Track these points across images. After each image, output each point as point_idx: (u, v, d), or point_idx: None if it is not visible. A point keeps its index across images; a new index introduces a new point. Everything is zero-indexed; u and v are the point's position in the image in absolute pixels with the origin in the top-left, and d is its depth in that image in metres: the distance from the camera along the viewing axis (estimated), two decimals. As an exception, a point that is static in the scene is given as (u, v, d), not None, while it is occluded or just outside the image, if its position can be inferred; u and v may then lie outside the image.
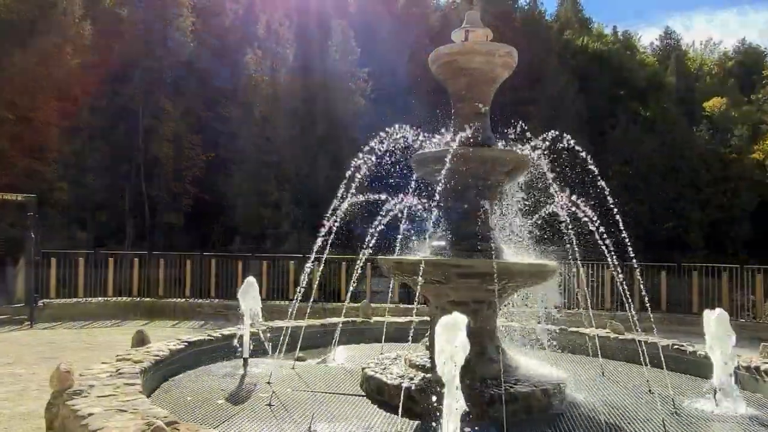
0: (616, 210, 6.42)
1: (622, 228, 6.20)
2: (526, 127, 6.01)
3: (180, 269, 13.23)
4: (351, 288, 8.98)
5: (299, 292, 7.48)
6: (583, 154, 5.91)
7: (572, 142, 6.00)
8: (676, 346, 7.42)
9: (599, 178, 6.52)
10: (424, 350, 6.07)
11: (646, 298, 8.40)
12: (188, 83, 25.39)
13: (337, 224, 6.77)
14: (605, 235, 6.13)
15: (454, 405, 3.72)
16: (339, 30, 27.82)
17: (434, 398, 5.16)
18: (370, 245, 7.61)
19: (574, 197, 6.44)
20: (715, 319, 5.66)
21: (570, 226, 6.52)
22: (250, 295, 6.65)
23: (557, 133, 6.25)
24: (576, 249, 6.54)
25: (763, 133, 45.27)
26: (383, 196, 6.75)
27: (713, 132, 39.75)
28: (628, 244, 6.27)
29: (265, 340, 7.30)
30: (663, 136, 34.68)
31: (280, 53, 24.95)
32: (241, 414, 4.99)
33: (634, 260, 6.55)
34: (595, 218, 6.29)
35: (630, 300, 7.00)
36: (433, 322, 6.09)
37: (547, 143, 6.23)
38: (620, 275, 6.48)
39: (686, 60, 58.86)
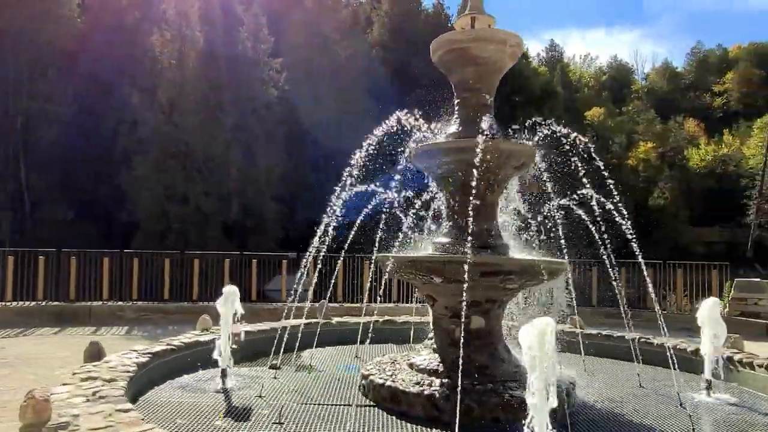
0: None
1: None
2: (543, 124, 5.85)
3: (96, 268, 11.62)
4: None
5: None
6: (592, 151, 5.90)
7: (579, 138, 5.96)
8: (643, 339, 7.71)
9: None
10: (429, 353, 5.70)
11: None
12: (80, 63, 22.78)
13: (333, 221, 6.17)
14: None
15: (545, 416, 3.41)
16: (251, 18, 26.53)
17: (460, 406, 4.89)
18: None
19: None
20: (708, 310, 5.89)
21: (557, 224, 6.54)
22: (231, 301, 5.88)
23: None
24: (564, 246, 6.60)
25: (636, 142, 50.35)
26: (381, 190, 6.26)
27: (596, 139, 43.28)
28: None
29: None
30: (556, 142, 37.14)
31: (189, 36, 23.17)
32: (255, 436, 4.32)
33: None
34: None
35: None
36: (439, 325, 5.78)
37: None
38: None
39: (569, 72, 63.82)
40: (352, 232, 6.96)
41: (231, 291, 5.95)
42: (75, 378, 4.85)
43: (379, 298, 11.50)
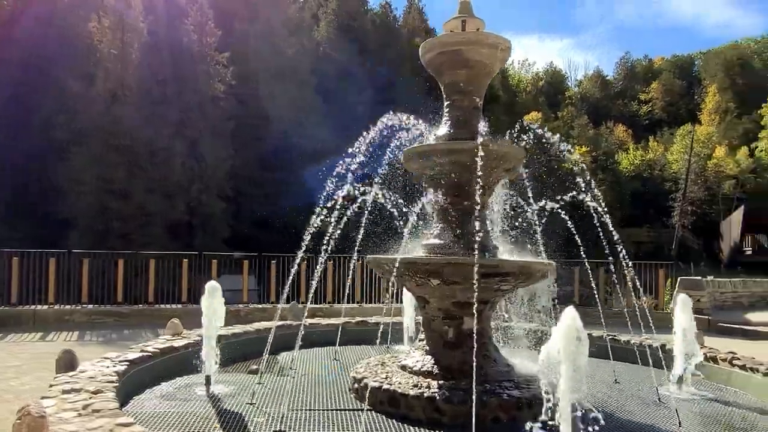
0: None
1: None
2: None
3: (40, 270, 10.77)
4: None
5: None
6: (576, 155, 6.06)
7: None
8: (610, 337, 8.03)
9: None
10: (422, 354, 5.68)
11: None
12: (8, 50, 21.22)
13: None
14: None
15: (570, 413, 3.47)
16: (197, 10, 25.62)
17: (463, 407, 4.90)
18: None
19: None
20: (680, 307, 6.20)
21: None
22: (215, 301, 5.62)
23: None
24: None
25: (571, 146, 52.55)
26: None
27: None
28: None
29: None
30: (499, 145, 38.18)
31: (132, 26, 22.09)
32: (260, 446, 4.16)
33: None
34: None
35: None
36: (430, 326, 5.77)
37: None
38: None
39: (508, 77, 65.72)
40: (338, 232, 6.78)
41: (214, 287, 5.66)
42: (55, 390, 4.50)
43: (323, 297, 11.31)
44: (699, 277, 13.51)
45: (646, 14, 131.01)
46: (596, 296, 11.18)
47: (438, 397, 4.90)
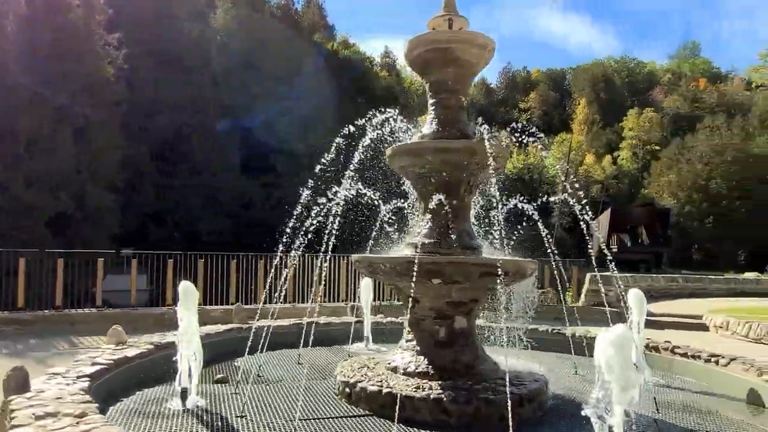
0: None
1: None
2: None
3: None
4: None
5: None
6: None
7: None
8: (555, 330, 8.48)
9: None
10: (413, 355, 5.57)
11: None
12: None
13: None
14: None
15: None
16: (84, -19, 23.17)
17: (468, 407, 4.87)
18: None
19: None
20: (634, 299, 6.68)
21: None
22: (191, 303, 5.08)
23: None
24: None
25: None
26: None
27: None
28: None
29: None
30: (398, 144, 38.91)
31: (6, -7, 19.48)
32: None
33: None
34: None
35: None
36: (419, 326, 5.69)
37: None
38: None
39: (403, 79, 67.24)
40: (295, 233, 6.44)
41: (189, 289, 5.07)
42: (21, 415, 3.80)
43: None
44: (608, 273, 14.70)
45: (522, 27, 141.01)
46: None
47: (445, 399, 4.83)
